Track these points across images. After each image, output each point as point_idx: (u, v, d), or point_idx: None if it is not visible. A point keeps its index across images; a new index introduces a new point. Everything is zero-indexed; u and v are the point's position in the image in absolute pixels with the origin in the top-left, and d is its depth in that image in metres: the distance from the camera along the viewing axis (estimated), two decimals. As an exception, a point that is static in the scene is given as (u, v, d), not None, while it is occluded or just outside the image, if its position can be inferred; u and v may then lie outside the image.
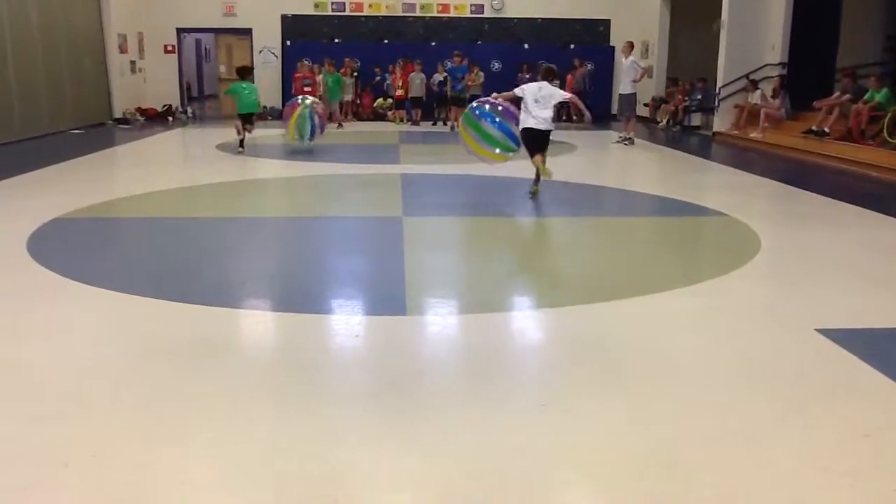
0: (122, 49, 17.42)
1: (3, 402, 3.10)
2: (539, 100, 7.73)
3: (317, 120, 11.73)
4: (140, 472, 2.56)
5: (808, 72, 14.10)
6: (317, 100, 12.54)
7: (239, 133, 11.48)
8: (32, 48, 13.77)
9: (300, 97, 12.25)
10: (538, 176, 7.89)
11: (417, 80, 17.36)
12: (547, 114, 7.78)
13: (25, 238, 5.89)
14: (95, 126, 15.81)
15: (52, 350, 3.69)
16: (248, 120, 11.49)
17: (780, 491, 2.46)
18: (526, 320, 4.31)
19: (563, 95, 8.29)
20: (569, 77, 18.31)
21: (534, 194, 7.94)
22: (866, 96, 11.54)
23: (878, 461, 2.66)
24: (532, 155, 7.81)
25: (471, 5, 19.61)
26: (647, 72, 14.27)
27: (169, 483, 2.50)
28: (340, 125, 16.53)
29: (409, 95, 17.51)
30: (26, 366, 3.50)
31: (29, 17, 13.71)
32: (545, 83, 7.94)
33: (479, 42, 19.50)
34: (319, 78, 16.53)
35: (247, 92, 11.37)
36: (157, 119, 17.80)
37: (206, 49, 27.33)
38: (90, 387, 3.25)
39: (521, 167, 8.49)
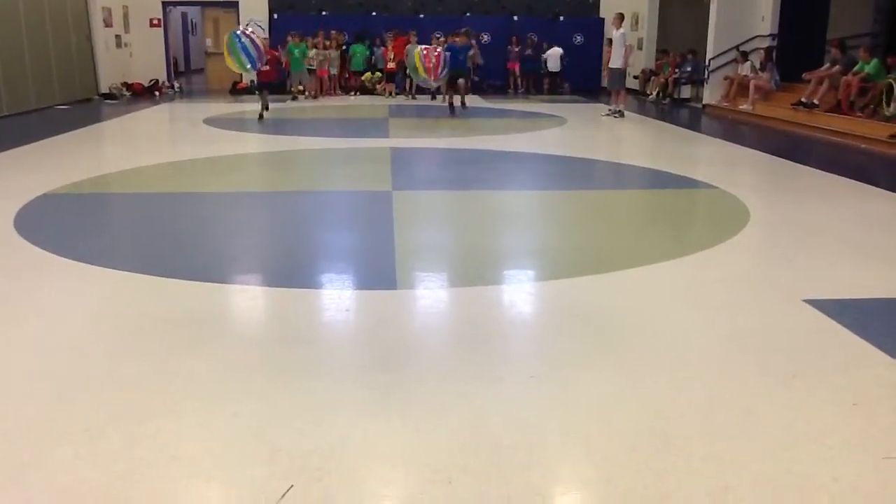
0: (107, 23, 17.20)
1: (-7, 379, 3.09)
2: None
3: (247, 41, 11.18)
4: (133, 446, 2.56)
5: (798, 43, 14.07)
6: (248, 29, 12.07)
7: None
8: (16, 23, 13.57)
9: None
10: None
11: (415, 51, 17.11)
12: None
13: (13, 215, 5.85)
14: (82, 101, 15.65)
15: (43, 327, 3.67)
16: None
17: (772, 462, 2.48)
18: (516, 293, 4.31)
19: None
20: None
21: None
22: (856, 68, 11.53)
23: (867, 430, 2.68)
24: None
25: (459, -23, 19.45)
26: (631, 49, 14.19)
27: (162, 457, 2.50)
28: (312, 96, 16.50)
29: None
30: (16, 343, 3.48)
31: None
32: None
33: (469, 14, 19.35)
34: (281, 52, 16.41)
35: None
36: (143, 94, 17.64)
37: (192, 22, 27.03)
38: (81, 363, 3.24)
39: (511, 142, 8.47)
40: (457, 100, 14.19)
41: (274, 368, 3.21)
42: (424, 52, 12.90)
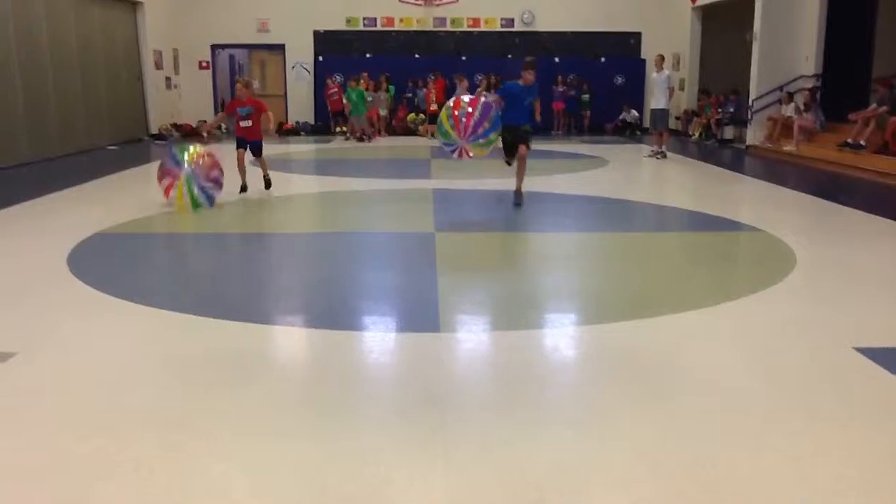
0: (158, 65, 17.72)
1: (44, 415, 3.17)
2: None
3: (204, 183, 8.23)
4: (181, 486, 2.60)
5: (843, 82, 13.95)
6: (198, 155, 8.36)
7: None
8: (71, 65, 14.04)
9: (172, 161, 8.36)
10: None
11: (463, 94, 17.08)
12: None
13: (66, 254, 6.01)
14: (132, 142, 16.07)
15: (93, 365, 3.76)
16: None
17: (822, 512, 2.43)
18: (560, 337, 4.30)
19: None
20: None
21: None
22: (903, 108, 11.39)
23: (921, 483, 2.62)
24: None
25: (501, 19, 19.69)
26: (674, 91, 14.16)
27: (209, 498, 2.54)
28: (364, 139, 16.64)
29: None
30: (67, 380, 3.56)
31: (68, 35, 14.00)
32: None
33: (510, 56, 19.56)
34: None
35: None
36: (192, 134, 18.06)
37: (239, 64, 27.67)
38: (130, 401, 3.30)
39: (554, 184, 8.47)
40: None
41: (319, 409, 3.24)
42: (454, 103, 8.00)
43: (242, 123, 9.06)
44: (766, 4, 14.72)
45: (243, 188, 9.08)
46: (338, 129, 17.70)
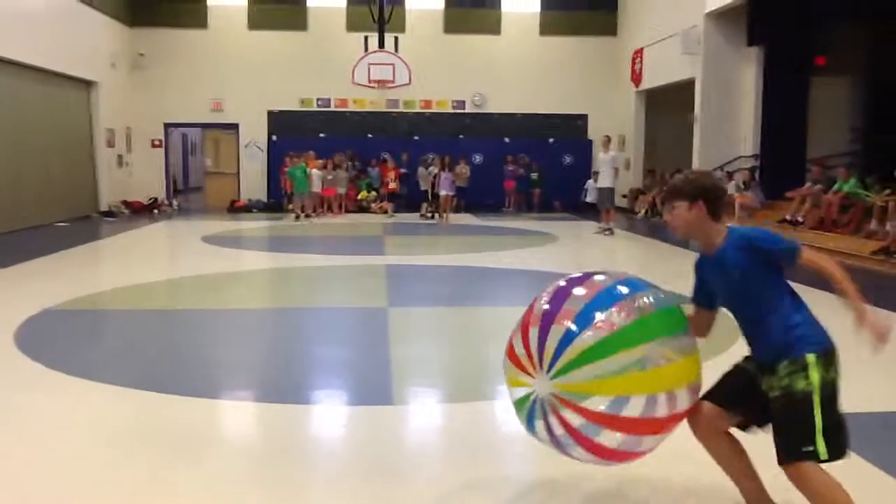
0: (110, 143, 17.70)
1: (-10, 495, 3.10)
2: None
3: None
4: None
5: (780, 163, 14.56)
6: None
7: None
8: (21, 142, 13.98)
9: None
10: None
11: (425, 173, 17.41)
12: None
13: (13, 329, 5.91)
14: (81, 219, 15.93)
15: (39, 440, 3.69)
16: None
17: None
18: (511, 409, 4.33)
19: None
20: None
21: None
22: (835, 186, 11.92)
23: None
24: None
25: (452, 101, 20.21)
26: (618, 170, 14.62)
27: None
28: (311, 215, 16.67)
29: (425, 189, 17.38)
30: (11, 457, 3.49)
31: (22, 114, 13.99)
32: None
33: (462, 136, 20.01)
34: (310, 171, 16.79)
35: None
36: (142, 211, 17.97)
37: (192, 143, 27.79)
38: (77, 478, 3.25)
39: (504, 259, 8.59)
40: None
41: (270, 482, 3.23)
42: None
43: None
44: (704, 90, 15.40)
45: None
46: (290, 206, 17.75)
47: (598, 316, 2.60)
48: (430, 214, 17.12)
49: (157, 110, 19.21)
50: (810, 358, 2.55)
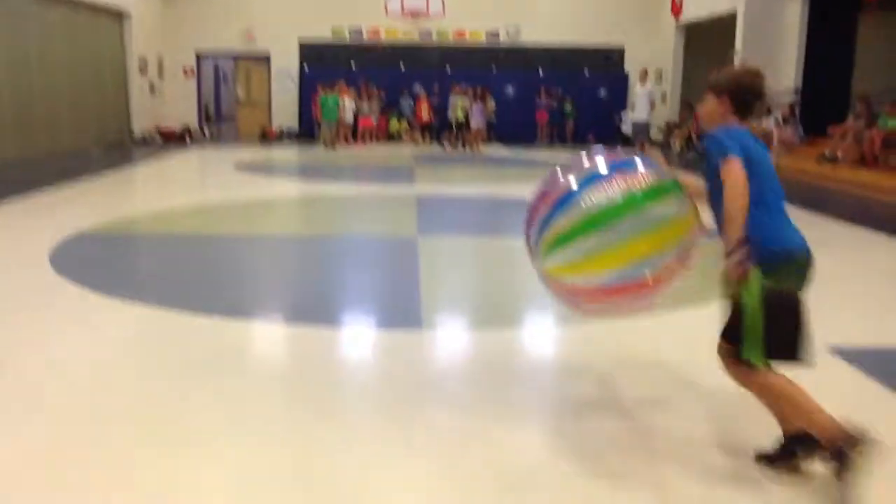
0: (143, 71, 17.68)
1: (28, 412, 3.17)
2: None
3: None
4: (165, 481, 2.62)
5: (823, 97, 14.17)
6: None
7: None
8: (55, 67, 14.08)
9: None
10: None
11: (459, 103, 17.00)
12: None
13: (48, 252, 6.00)
14: (114, 145, 16.03)
15: (76, 360, 3.76)
16: None
17: None
18: (540, 337, 4.35)
19: None
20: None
21: None
22: (879, 122, 11.58)
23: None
24: None
25: (486, 32, 19.80)
26: (654, 104, 14.36)
27: (192, 484, 2.56)
28: (332, 147, 16.57)
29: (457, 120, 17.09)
30: (49, 376, 3.57)
31: (53, 41, 14.02)
32: None
33: (495, 68, 19.68)
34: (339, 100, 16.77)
35: None
36: (174, 139, 18.01)
37: (223, 73, 27.65)
38: (113, 398, 3.32)
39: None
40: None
41: (300, 403, 3.27)
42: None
43: None
44: (747, 22, 14.93)
45: None
46: (321, 135, 17.68)
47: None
48: (454, 145, 16.98)
49: (189, 40, 19.13)
50: (752, 270, 2.59)
